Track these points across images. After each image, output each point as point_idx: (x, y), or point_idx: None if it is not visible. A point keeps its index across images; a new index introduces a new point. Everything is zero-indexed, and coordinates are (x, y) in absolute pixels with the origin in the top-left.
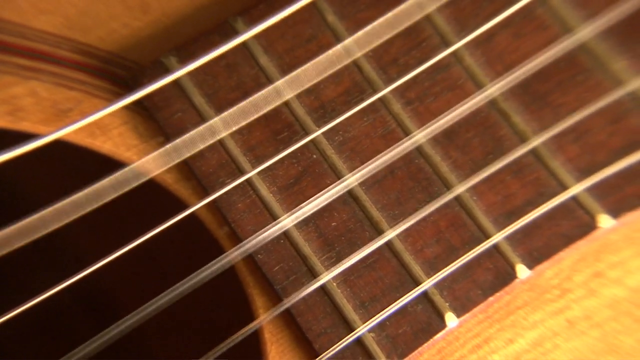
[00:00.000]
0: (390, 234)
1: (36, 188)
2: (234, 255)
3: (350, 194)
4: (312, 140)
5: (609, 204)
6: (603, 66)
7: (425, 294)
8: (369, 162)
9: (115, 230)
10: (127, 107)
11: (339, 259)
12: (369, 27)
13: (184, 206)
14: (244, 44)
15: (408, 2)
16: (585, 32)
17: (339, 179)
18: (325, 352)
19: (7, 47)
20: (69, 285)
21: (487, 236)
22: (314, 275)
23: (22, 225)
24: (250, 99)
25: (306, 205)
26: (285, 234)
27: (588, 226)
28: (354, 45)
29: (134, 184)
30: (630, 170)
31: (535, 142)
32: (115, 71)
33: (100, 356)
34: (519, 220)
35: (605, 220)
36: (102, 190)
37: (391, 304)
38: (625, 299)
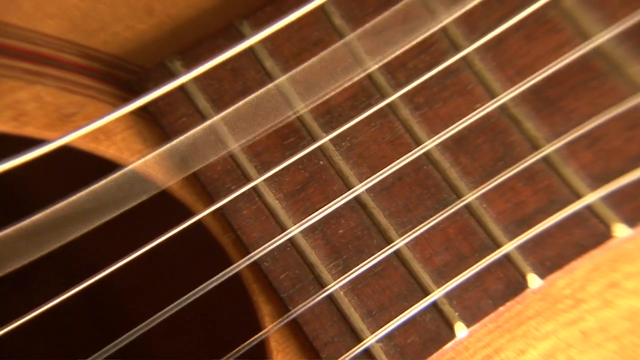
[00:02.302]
0: (399, 242)
1: (39, 192)
2: (238, 262)
3: (357, 200)
4: (319, 147)
5: (625, 212)
6: (618, 70)
7: (434, 303)
8: (377, 168)
9: (119, 236)
10: (131, 112)
11: (346, 267)
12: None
13: (188, 212)
14: (249, 48)
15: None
16: (600, 35)
17: (346, 185)
18: None
19: (12, 51)
20: (76, 291)
21: (498, 245)
22: (320, 283)
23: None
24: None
25: (313, 212)
26: (292, 242)
27: (603, 235)
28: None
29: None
30: None
31: (547, 148)
32: (119, 75)
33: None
34: (531, 229)
35: (621, 230)
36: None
37: (400, 313)
38: None
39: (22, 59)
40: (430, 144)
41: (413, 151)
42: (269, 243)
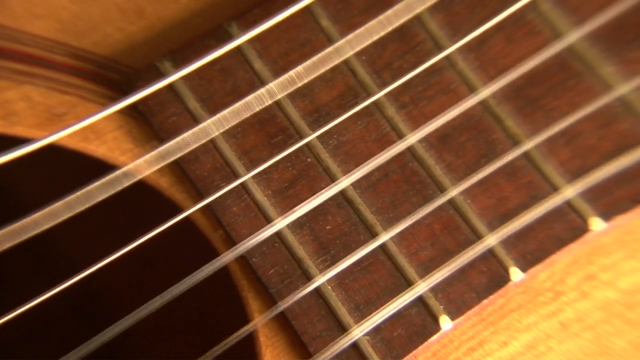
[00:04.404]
0: (385, 237)
1: (30, 192)
2: (228, 258)
3: (344, 197)
4: (306, 144)
5: (600, 207)
6: (593, 71)
7: (420, 297)
8: (363, 165)
9: (109, 234)
10: (121, 111)
11: (333, 262)
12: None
13: (178, 210)
14: (238, 48)
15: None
16: (576, 37)
17: (334, 182)
18: (320, 356)
19: (1, 52)
20: (62, 288)
21: (481, 239)
22: (308, 278)
23: (13, 227)
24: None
25: (301, 208)
26: (280, 238)
27: (580, 229)
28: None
29: (125, 184)
30: (620, 173)
31: (528, 145)
32: (109, 75)
33: (93, 358)
34: (513, 223)
35: (596, 223)
36: (94, 191)
37: (386, 307)
38: (617, 301)
39: (11, 59)
40: (411, 138)
41: (395, 145)
42: (254, 235)
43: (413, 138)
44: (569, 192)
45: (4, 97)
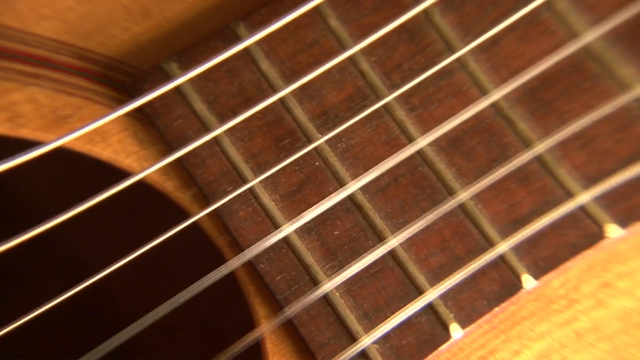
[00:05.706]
0: (394, 243)
1: (36, 194)
2: (234, 264)
3: (353, 202)
4: (314, 148)
5: (617, 213)
6: (610, 72)
7: (429, 305)
8: (372, 169)
9: (115, 236)
10: (127, 114)
11: (342, 268)
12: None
13: (184, 214)
14: (245, 49)
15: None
16: (592, 37)
17: (342, 186)
18: None
19: (7, 53)
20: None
21: (493, 245)
22: (316, 284)
23: None
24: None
25: (308, 213)
26: (287, 243)
27: (595, 236)
28: None
29: None
30: (638, 178)
31: (541, 149)
32: (115, 76)
33: None
34: (525, 230)
35: (613, 230)
36: None
37: (395, 314)
38: (636, 310)
39: (17, 61)
40: (421, 141)
41: (404, 148)
42: (261, 241)
43: (423, 141)
44: (584, 197)
45: (11, 99)
